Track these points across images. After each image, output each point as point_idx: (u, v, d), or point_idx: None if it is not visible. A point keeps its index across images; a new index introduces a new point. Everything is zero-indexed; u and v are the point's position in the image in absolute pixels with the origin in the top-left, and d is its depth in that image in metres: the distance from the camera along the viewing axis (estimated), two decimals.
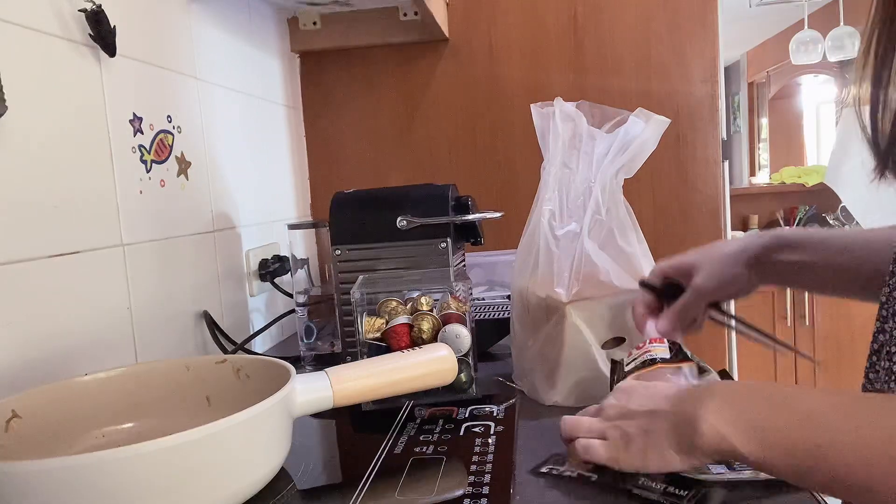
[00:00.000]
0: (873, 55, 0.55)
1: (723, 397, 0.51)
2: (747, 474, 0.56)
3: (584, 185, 0.80)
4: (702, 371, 0.69)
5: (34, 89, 0.69)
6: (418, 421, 0.71)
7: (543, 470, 0.60)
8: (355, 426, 0.76)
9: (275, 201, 1.32)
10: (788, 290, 2.79)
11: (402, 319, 0.77)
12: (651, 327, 0.73)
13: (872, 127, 0.55)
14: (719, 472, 0.57)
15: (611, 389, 0.69)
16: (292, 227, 1.05)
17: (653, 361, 0.68)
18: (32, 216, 0.68)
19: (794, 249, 0.71)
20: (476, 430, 0.68)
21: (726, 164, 1.45)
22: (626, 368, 0.69)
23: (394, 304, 0.80)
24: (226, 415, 0.49)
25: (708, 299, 0.73)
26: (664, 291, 0.75)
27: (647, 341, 0.71)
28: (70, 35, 0.74)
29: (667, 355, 0.69)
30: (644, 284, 0.76)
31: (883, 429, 0.44)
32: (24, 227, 0.67)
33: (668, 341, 0.71)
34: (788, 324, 2.82)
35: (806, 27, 3.14)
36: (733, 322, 0.78)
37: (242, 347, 1.02)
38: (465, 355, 0.76)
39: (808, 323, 2.81)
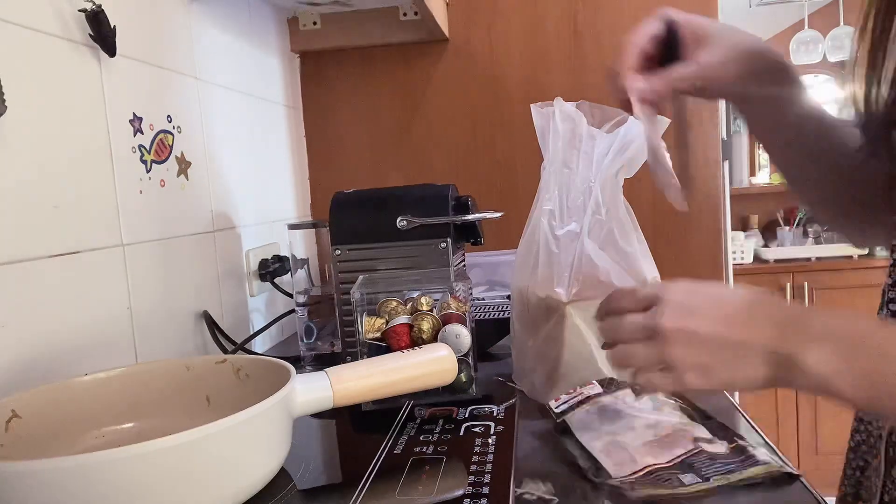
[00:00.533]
0: (869, 37, 0.54)
1: (831, 342, 0.47)
2: (716, 480, 0.57)
3: (584, 185, 0.80)
4: (638, 393, 0.71)
5: (34, 89, 0.69)
6: (418, 421, 0.71)
7: None
8: (355, 426, 0.76)
9: (275, 201, 1.32)
10: (788, 290, 2.78)
11: (402, 319, 0.77)
12: (636, 82, 0.62)
13: (866, 108, 0.55)
14: (691, 482, 0.57)
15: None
16: (292, 227, 1.05)
17: (587, 398, 0.71)
18: (32, 216, 0.68)
19: (790, 83, 0.64)
20: (476, 430, 0.68)
21: (726, 164, 1.45)
22: (557, 410, 0.71)
23: (394, 304, 0.80)
24: (226, 415, 0.49)
25: (703, 81, 0.62)
26: (665, 44, 0.63)
27: (576, 388, 0.73)
28: (70, 35, 0.74)
29: (599, 390, 0.72)
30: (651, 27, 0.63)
31: None
32: (24, 227, 0.67)
33: (597, 381, 0.73)
34: None
35: (806, 27, 3.14)
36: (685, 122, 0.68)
37: (242, 347, 1.02)
38: (465, 355, 0.76)
39: None
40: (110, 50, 0.78)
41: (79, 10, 0.74)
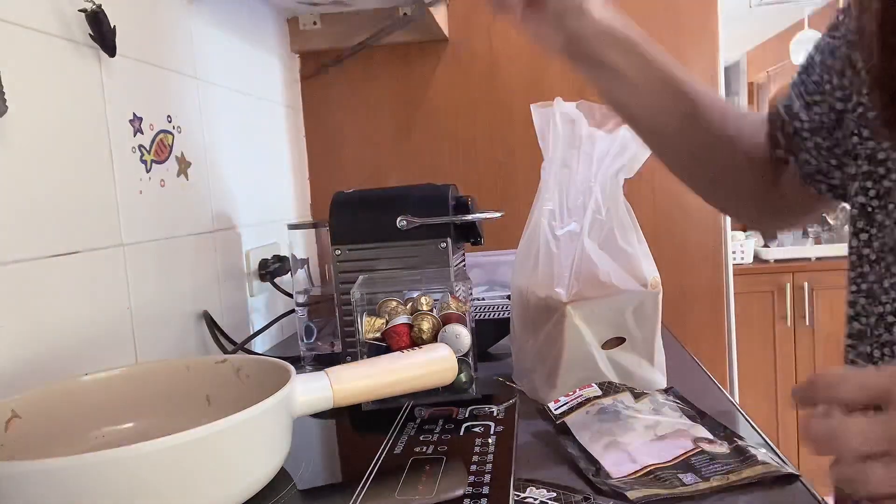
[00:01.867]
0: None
1: None
2: (716, 480, 0.57)
3: (584, 184, 0.80)
4: (637, 396, 0.71)
5: (34, 89, 0.69)
6: (418, 421, 0.71)
7: None
8: (355, 426, 0.76)
9: (275, 201, 1.32)
10: (788, 290, 2.79)
11: (402, 319, 0.77)
12: None
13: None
14: (691, 482, 0.57)
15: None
16: (292, 227, 1.05)
17: (587, 401, 0.71)
18: (32, 216, 0.68)
19: (625, 53, 0.63)
20: (476, 430, 0.68)
21: None
22: (556, 413, 0.71)
23: (394, 304, 0.80)
24: (226, 415, 0.49)
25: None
26: None
27: (575, 390, 0.74)
28: (70, 35, 0.74)
29: (598, 392, 0.72)
30: None
31: None
32: (24, 227, 0.67)
33: (596, 384, 0.74)
34: (788, 323, 2.81)
35: (806, 27, 3.14)
36: None
37: (242, 347, 1.02)
38: (465, 355, 0.76)
39: (808, 323, 2.80)
40: (110, 50, 0.78)
41: (79, 10, 0.74)
